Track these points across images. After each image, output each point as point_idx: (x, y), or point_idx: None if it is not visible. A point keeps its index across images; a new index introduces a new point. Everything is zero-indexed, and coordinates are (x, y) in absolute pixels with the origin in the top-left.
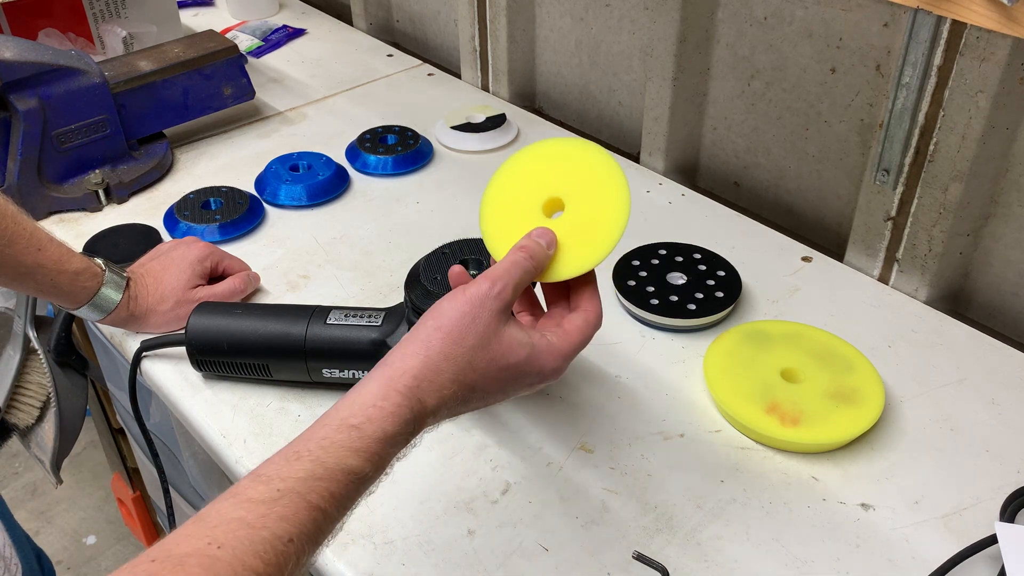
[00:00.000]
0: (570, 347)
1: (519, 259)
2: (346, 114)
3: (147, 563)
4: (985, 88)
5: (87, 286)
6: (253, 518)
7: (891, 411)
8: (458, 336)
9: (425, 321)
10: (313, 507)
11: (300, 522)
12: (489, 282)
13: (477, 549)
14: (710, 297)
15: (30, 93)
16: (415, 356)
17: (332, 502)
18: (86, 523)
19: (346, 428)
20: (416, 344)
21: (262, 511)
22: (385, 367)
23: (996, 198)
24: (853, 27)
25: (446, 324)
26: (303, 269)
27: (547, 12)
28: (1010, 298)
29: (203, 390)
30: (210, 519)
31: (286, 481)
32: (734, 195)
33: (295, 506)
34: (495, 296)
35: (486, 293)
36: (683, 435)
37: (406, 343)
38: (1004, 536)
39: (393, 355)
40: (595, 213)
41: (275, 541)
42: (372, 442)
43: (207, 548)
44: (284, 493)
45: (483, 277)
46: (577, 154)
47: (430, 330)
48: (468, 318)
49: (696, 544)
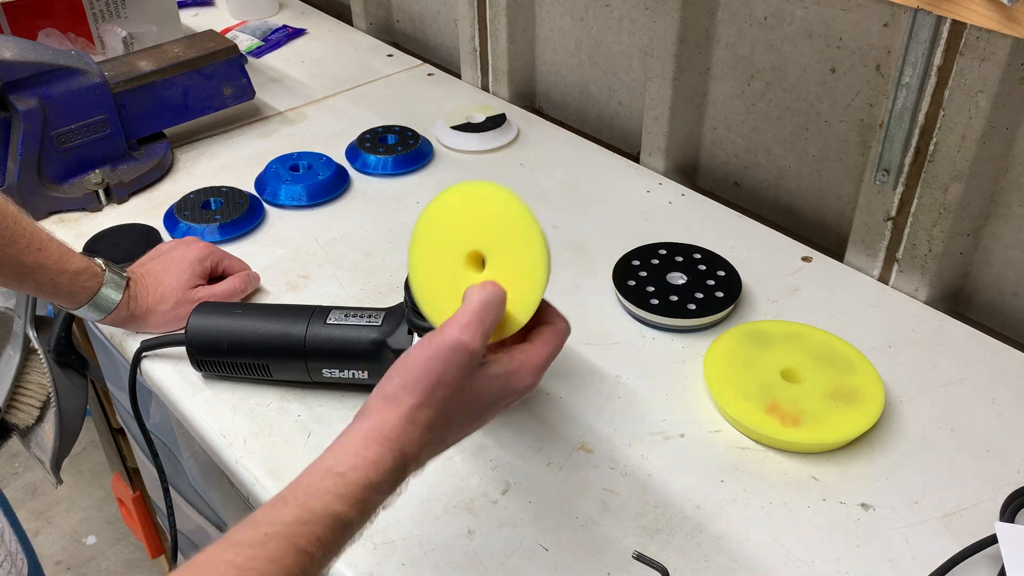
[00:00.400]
0: (540, 359)
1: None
2: (346, 114)
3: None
4: (985, 88)
5: (87, 286)
6: (242, 560)
7: (891, 411)
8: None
9: (391, 376)
10: (300, 551)
11: (287, 565)
12: (457, 330)
13: (477, 549)
14: (710, 297)
15: (30, 93)
16: (389, 411)
17: (319, 547)
18: (86, 523)
19: (331, 475)
20: (385, 400)
21: (250, 554)
22: (363, 418)
23: (996, 198)
24: (853, 27)
25: (410, 382)
26: (303, 269)
27: (547, 12)
28: (1010, 298)
29: (203, 390)
30: (200, 564)
31: (274, 525)
32: (734, 195)
33: (283, 550)
34: (463, 348)
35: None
36: (683, 435)
37: (377, 396)
38: (1004, 536)
39: (369, 407)
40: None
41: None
42: (357, 489)
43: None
44: (272, 537)
45: (449, 324)
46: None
47: (396, 387)
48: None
49: (696, 544)
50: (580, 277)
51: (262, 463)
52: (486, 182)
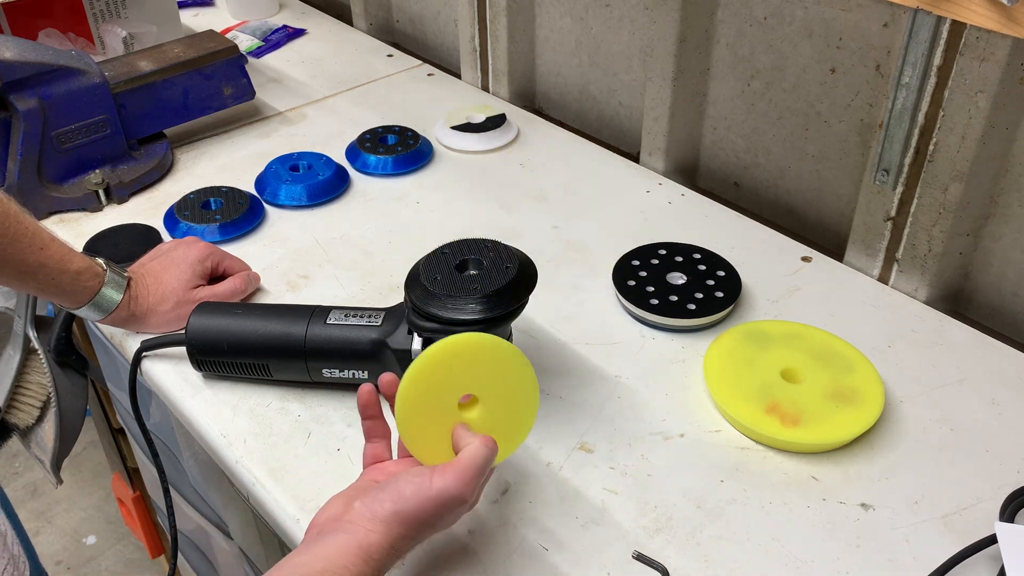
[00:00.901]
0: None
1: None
2: (346, 114)
3: None
4: (985, 88)
5: (88, 286)
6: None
7: (891, 411)
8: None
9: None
10: None
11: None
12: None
13: (477, 549)
14: (710, 297)
15: (30, 93)
16: (377, 534)
17: None
18: (86, 523)
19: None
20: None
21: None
22: (352, 536)
23: (996, 198)
24: (853, 27)
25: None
26: (303, 269)
27: (547, 12)
28: (1010, 298)
29: (203, 390)
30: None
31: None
32: (734, 195)
33: None
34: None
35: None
36: (683, 435)
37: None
38: (1004, 536)
39: (357, 521)
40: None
41: None
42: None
43: None
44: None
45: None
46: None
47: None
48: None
49: (696, 544)
50: (580, 277)
51: (262, 463)
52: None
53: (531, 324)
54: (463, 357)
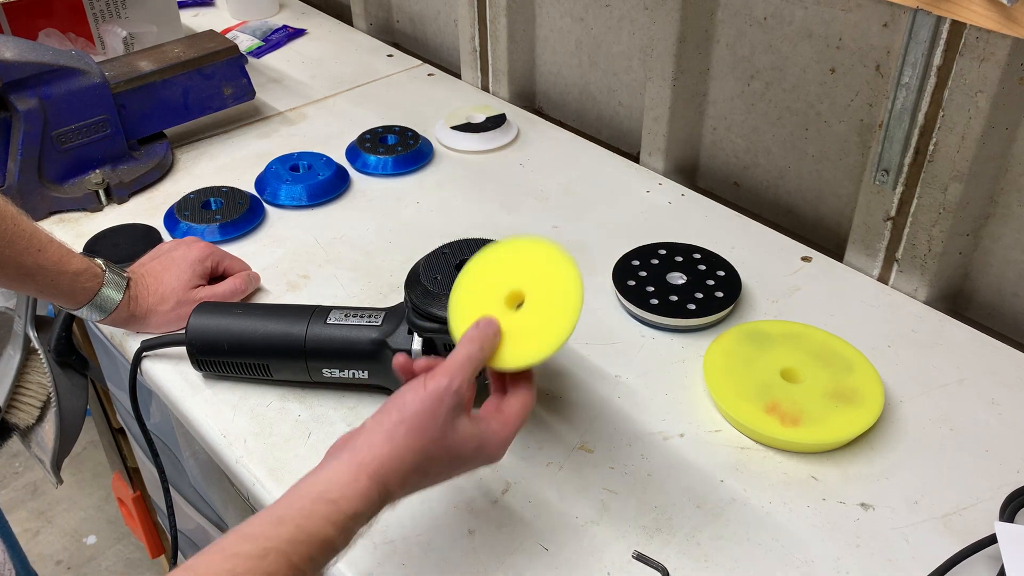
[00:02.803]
0: (511, 433)
1: (472, 352)
2: (346, 114)
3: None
4: (985, 88)
5: (87, 287)
6: (242, 571)
7: (891, 411)
8: (421, 431)
9: (390, 411)
10: (294, 567)
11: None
12: (448, 378)
13: (477, 549)
14: (710, 297)
15: (30, 93)
16: (382, 446)
17: (310, 565)
18: (86, 523)
19: (324, 501)
20: (383, 435)
21: (250, 565)
22: (355, 452)
23: (996, 198)
24: (853, 27)
25: (409, 418)
26: (303, 269)
27: (547, 12)
28: (1010, 298)
29: (203, 390)
30: (199, 569)
31: (271, 540)
32: (734, 195)
33: (279, 564)
34: (453, 392)
35: (445, 389)
36: (683, 435)
37: (373, 431)
38: (1004, 536)
39: (360, 440)
40: (548, 313)
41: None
42: (345, 518)
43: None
44: (269, 551)
45: (442, 372)
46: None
47: (395, 422)
48: (429, 414)
49: (696, 544)
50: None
51: (262, 463)
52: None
53: None
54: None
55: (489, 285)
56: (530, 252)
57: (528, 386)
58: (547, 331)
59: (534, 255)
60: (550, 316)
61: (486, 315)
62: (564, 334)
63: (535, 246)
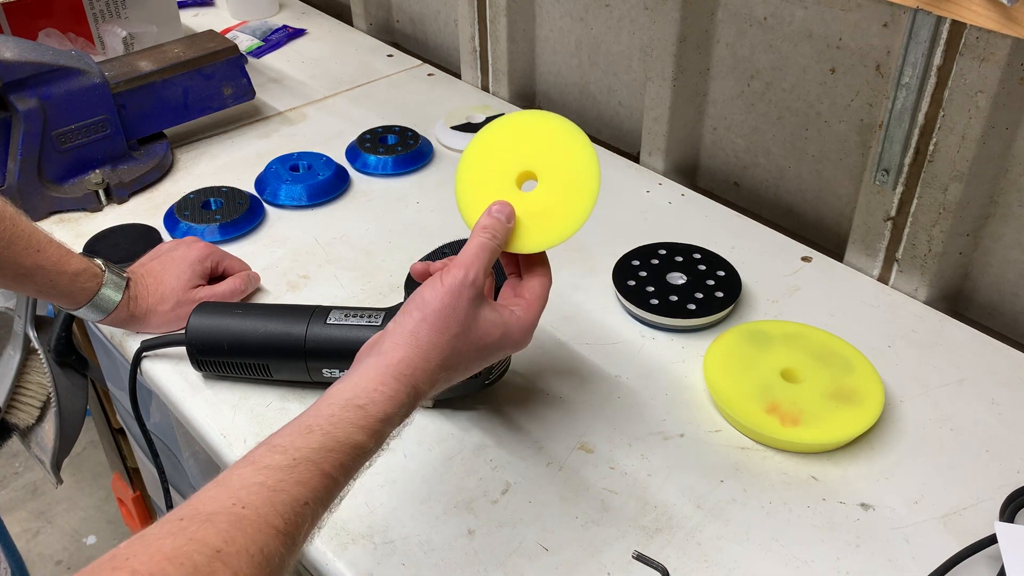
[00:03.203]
0: (535, 316)
1: (484, 241)
2: (346, 114)
3: (176, 521)
4: (985, 88)
5: (87, 287)
6: (273, 482)
7: (891, 411)
8: (442, 326)
9: (411, 311)
10: (326, 475)
11: (314, 488)
12: (463, 270)
13: (477, 549)
14: (710, 297)
15: (30, 93)
16: (407, 347)
17: (341, 472)
18: (86, 523)
19: (352, 407)
20: (406, 335)
21: (281, 476)
22: (380, 355)
23: (996, 198)
24: (853, 27)
25: (430, 315)
26: (303, 269)
27: (547, 12)
28: (1010, 298)
29: (203, 390)
30: (232, 483)
31: (301, 451)
32: (734, 195)
33: (310, 473)
34: (470, 284)
35: (462, 281)
36: (683, 435)
37: (396, 332)
38: (1004, 536)
39: (385, 343)
40: (566, 191)
41: (294, 503)
42: (375, 421)
43: (232, 508)
44: (300, 461)
45: (457, 265)
46: (553, 130)
47: (416, 320)
48: (449, 308)
49: (696, 544)
50: (580, 277)
51: None
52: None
53: None
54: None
55: (497, 165)
56: (537, 127)
57: (544, 266)
58: (565, 211)
59: (542, 130)
60: (566, 195)
61: (498, 199)
62: (584, 213)
63: (542, 119)
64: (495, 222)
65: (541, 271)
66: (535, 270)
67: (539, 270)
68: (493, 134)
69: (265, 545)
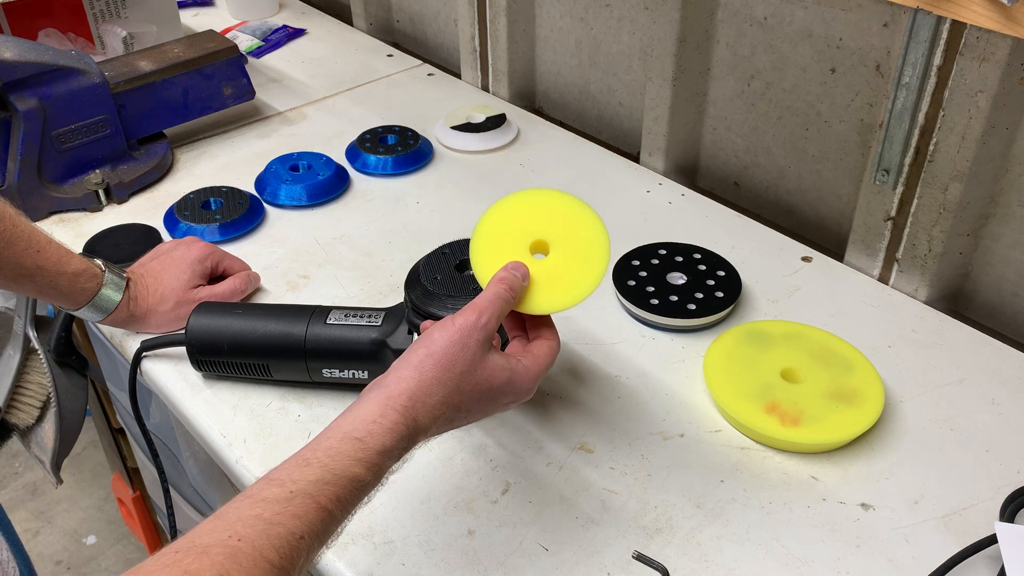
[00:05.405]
0: (541, 369)
1: (501, 292)
2: (346, 114)
3: (172, 553)
4: (985, 88)
5: (87, 287)
6: (269, 515)
7: (891, 411)
8: (448, 363)
9: (417, 348)
10: (322, 508)
11: (311, 521)
12: (476, 314)
13: (477, 549)
14: (710, 297)
15: (30, 93)
16: (410, 380)
17: (338, 505)
18: (86, 523)
19: (350, 440)
20: (410, 369)
21: (277, 509)
22: (382, 388)
23: (996, 198)
24: (853, 27)
25: (437, 351)
26: (303, 269)
27: (547, 12)
28: (1010, 298)
29: (203, 390)
30: (229, 516)
31: (298, 483)
32: (734, 195)
33: (307, 507)
34: (481, 327)
35: (474, 324)
36: (683, 435)
37: (401, 367)
38: (1004, 536)
39: (389, 377)
40: (577, 259)
41: (289, 537)
42: (373, 454)
43: (228, 540)
44: (296, 494)
45: (470, 309)
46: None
47: (423, 356)
48: (458, 346)
49: (696, 544)
50: None
51: (262, 463)
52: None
53: None
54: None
55: (510, 233)
56: (549, 202)
57: (552, 330)
58: (577, 277)
59: (553, 205)
60: (578, 263)
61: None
62: (596, 279)
63: (553, 196)
64: (512, 276)
65: (549, 334)
66: (543, 332)
67: (547, 332)
68: (509, 204)
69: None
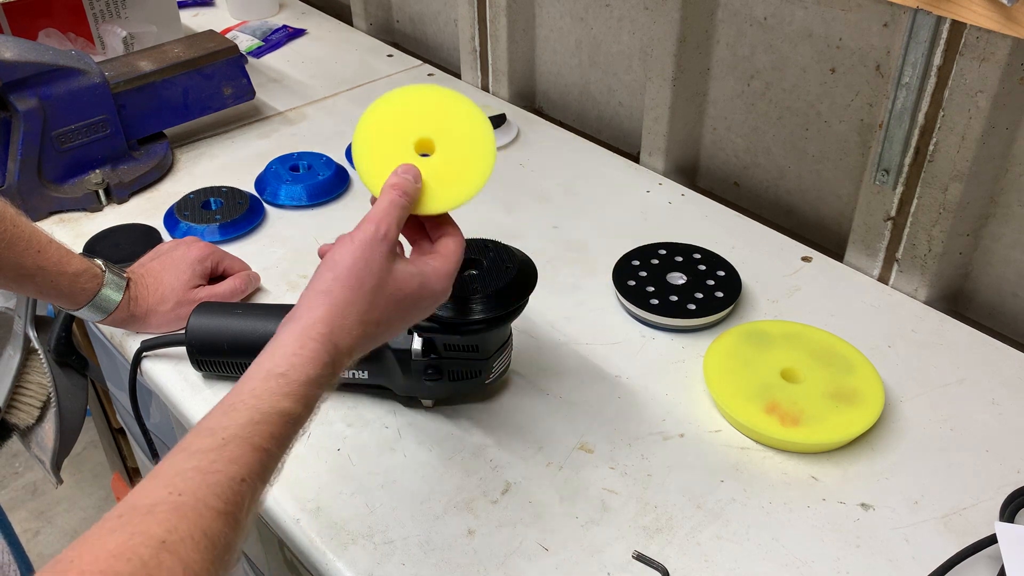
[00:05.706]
0: (451, 267)
1: (395, 198)
2: (346, 114)
3: (115, 519)
4: (985, 88)
5: (87, 287)
6: (206, 464)
7: (891, 411)
8: (356, 282)
9: (323, 273)
10: (257, 448)
11: (248, 463)
12: (374, 225)
13: (477, 549)
14: (710, 297)
15: (30, 93)
16: (321, 307)
17: (273, 442)
18: (86, 523)
19: (273, 377)
20: (319, 295)
21: (212, 457)
22: (295, 321)
23: (996, 198)
24: (853, 27)
25: (343, 273)
26: (303, 269)
27: (547, 12)
28: (1010, 298)
29: (203, 390)
30: (165, 473)
31: (228, 429)
32: (734, 195)
33: (241, 449)
34: (382, 238)
35: (373, 236)
36: (683, 435)
37: (309, 295)
38: (1004, 536)
39: (300, 308)
40: (464, 150)
41: (230, 482)
42: (299, 386)
43: (169, 497)
44: (228, 440)
45: (367, 221)
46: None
47: (329, 280)
48: (362, 263)
49: (696, 544)
50: (580, 277)
51: None
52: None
53: (531, 324)
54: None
55: (392, 136)
56: (422, 99)
57: (453, 226)
58: (469, 168)
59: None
60: (467, 154)
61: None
62: (488, 167)
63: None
64: (404, 181)
65: (452, 231)
66: (445, 230)
67: (450, 229)
68: (386, 105)
69: (208, 528)
